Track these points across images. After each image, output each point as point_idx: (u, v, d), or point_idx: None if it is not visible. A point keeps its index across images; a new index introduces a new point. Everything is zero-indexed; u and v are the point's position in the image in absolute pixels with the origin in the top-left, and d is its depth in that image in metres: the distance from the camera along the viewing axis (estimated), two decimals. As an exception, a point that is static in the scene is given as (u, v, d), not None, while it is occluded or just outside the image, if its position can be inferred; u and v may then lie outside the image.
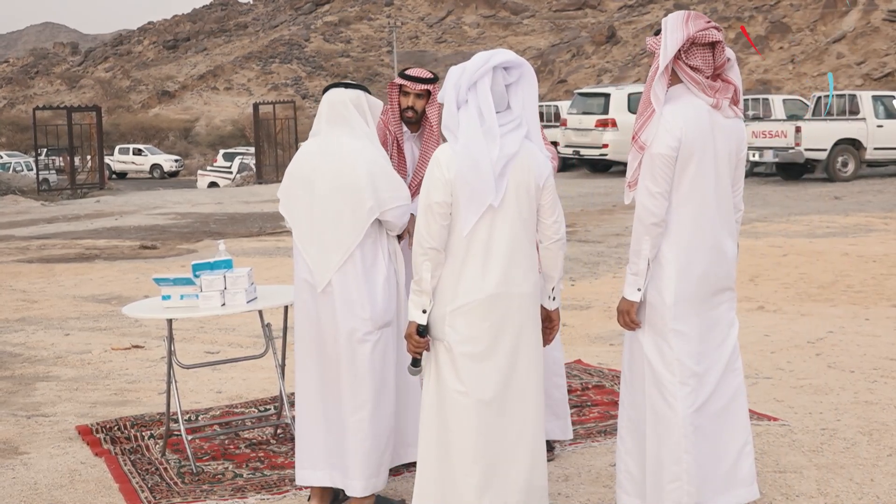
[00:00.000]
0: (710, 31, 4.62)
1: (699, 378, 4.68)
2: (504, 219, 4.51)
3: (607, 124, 29.77)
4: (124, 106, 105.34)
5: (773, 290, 11.64)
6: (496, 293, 4.51)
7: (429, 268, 4.51)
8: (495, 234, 4.51)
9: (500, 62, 4.53)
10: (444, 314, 4.54)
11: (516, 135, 4.55)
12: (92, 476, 5.99)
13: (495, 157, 4.46)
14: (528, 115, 4.61)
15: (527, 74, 4.61)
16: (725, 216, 4.76)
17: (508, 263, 4.52)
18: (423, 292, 4.54)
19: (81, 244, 18.74)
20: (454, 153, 4.49)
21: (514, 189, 4.52)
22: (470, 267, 4.51)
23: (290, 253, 16.26)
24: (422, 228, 4.52)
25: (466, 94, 4.52)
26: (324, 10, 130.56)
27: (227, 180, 44.46)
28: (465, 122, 4.50)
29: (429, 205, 4.50)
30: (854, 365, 7.91)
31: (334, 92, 5.29)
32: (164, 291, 6.07)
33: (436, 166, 4.52)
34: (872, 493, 5.25)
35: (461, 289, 4.51)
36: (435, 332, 4.58)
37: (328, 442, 5.23)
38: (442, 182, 4.48)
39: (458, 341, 4.53)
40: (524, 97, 4.60)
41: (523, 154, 4.54)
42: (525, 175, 4.53)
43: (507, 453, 4.58)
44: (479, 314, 4.51)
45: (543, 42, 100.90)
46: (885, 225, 17.39)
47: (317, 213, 5.17)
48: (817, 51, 66.58)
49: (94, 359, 9.10)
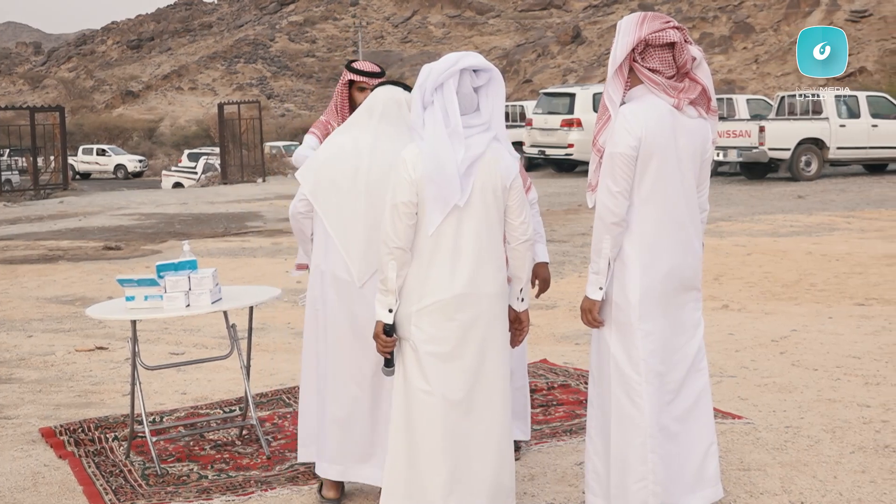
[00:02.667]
0: (667, 31, 4.61)
1: (664, 377, 4.69)
2: (470, 219, 4.54)
3: (573, 124, 29.86)
4: (88, 106, 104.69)
5: (738, 288, 11.70)
6: (463, 293, 4.53)
7: (394, 267, 4.53)
8: (462, 234, 4.54)
9: (467, 65, 4.55)
10: (409, 314, 4.56)
11: (484, 136, 4.57)
12: (55, 478, 5.94)
13: (461, 158, 4.48)
14: (496, 118, 4.63)
15: (496, 78, 4.63)
16: (691, 215, 4.77)
17: (475, 264, 4.54)
18: (389, 291, 4.55)
19: (45, 245, 18.62)
20: (419, 153, 4.51)
21: (481, 189, 4.55)
22: (436, 267, 4.53)
23: (255, 253, 16.27)
24: (388, 227, 4.53)
25: (432, 95, 4.54)
26: (289, 10, 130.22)
27: (191, 181, 44.25)
28: (430, 122, 4.52)
29: (395, 204, 4.52)
30: (817, 363, 7.95)
31: (391, 90, 5.25)
32: (127, 292, 6.03)
33: (402, 166, 4.54)
34: (836, 490, 5.28)
35: (427, 288, 4.53)
36: (401, 331, 4.59)
37: (362, 437, 5.20)
38: (408, 182, 4.50)
39: (423, 340, 4.54)
40: (493, 100, 4.63)
41: (490, 155, 4.58)
42: (492, 176, 4.57)
43: (474, 453, 4.59)
44: (446, 314, 4.53)
45: (509, 42, 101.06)
46: (848, 224, 17.52)
47: (362, 208, 5.13)
48: (781, 51, 66.97)
49: (58, 360, 9.04)
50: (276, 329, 10.17)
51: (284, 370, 8.35)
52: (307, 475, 5.73)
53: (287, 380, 7.98)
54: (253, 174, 40.67)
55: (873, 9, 67.13)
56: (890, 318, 9.62)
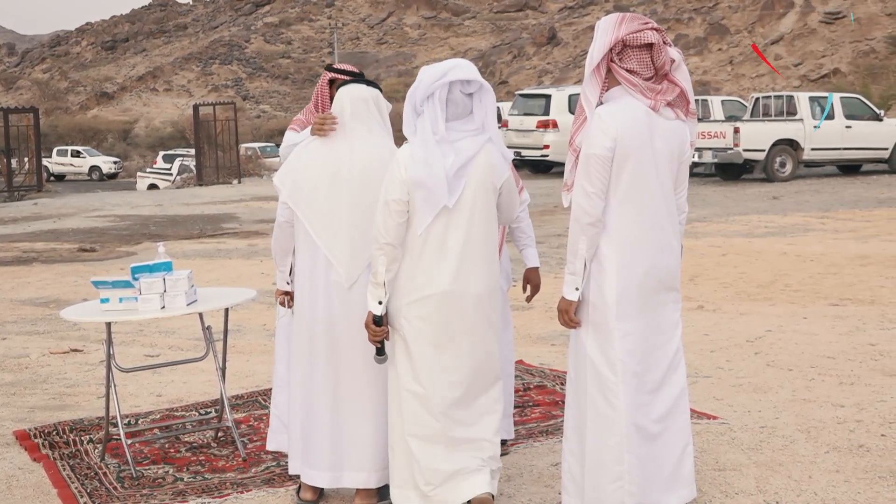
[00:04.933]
0: (645, 32, 4.62)
1: (641, 378, 4.69)
2: (460, 218, 4.78)
3: (548, 125, 29.90)
4: (62, 107, 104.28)
5: (713, 289, 11.74)
6: (450, 290, 4.77)
7: (384, 262, 4.77)
8: (451, 233, 4.77)
9: (456, 78, 4.75)
10: (400, 306, 4.81)
11: (477, 139, 4.81)
12: (30, 482, 5.92)
13: (450, 163, 4.71)
14: (489, 121, 4.85)
15: (485, 88, 4.85)
16: (669, 216, 4.78)
17: (463, 262, 4.79)
18: (378, 285, 4.80)
19: (19, 247, 18.52)
20: (411, 155, 4.73)
21: (473, 189, 4.79)
22: (425, 263, 4.77)
23: (230, 255, 16.24)
24: (379, 224, 4.76)
25: (423, 105, 4.77)
26: (264, 11, 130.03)
27: (167, 182, 44.10)
28: (420, 129, 4.76)
29: (387, 202, 4.74)
30: (792, 363, 7.99)
31: (356, 88, 5.28)
32: (102, 294, 6.01)
33: (395, 166, 4.77)
34: (810, 490, 5.30)
35: (416, 283, 4.78)
36: (393, 322, 4.86)
37: (341, 442, 5.22)
38: (399, 181, 4.73)
39: (411, 333, 4.79)
40: (486, 106, 4.85)
41: (483, 156, 4.81)
42: (484, 175, 4.81)
43: (459, 453, 4.84)
44: (432, 309, 4.77)
45: (484, 43, 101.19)
46: (822, 224, 17.61)
47: (344, 209, 5.16)
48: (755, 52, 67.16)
49: (32, 363, 9.00)
50: (251, 331, 10.15)
51: (260, 372, 8.34)
52: (283, 477, 5.73)
53: (263, 381, 7.97)
54: (228, 176, 40.57)
55: (847, 10, 67.47)
56: (864, 319, 9.67)
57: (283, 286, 5.64)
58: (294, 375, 5.41)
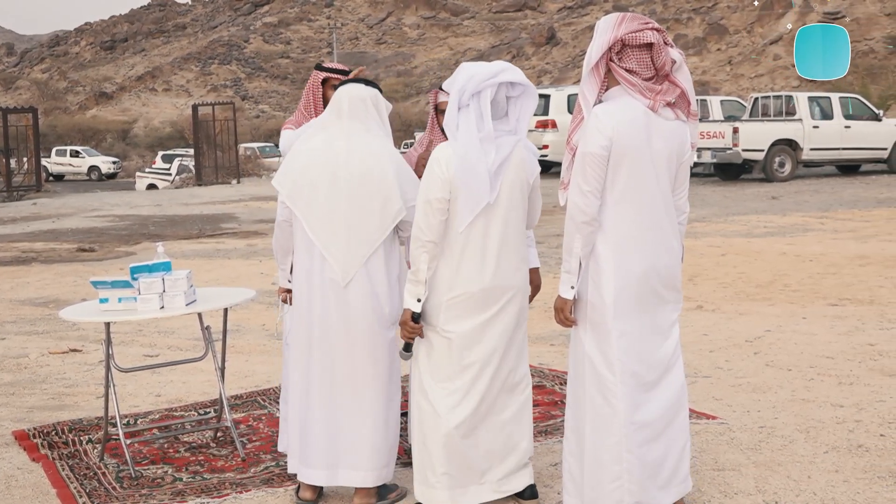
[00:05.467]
0: (645, 32, 4.61)
1: (640, 377, 4.69)
2: (498, 215, 4.89)
3: (547, 125, 29.91)
4: (61, 107, 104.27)
5: (712, 289, 11.74)
6: (490, 286, 4.91)
7: (425, 259, 4.86)
8: (490, 229, 4.90)
9: (507, 80, 4.90)
10: (440, 303, 4.90)
11: (511, 139, 4.93)
12: (29, 481, 5.91)
13: (491, 160, 4.82)
14: (522, 125, 5.00)
15: (529, 93, 4.99)
16: (668, 216, 4.76)
17: (501, 258, 4.93)
18: (419, 282, 4.89)
19: (18, 247, 18.53)
20: (453, 153, 4.82)
21: (509, 187, 4.91)
22: (467, 260, 4.88)
23: (229, 255, 16.24)
24: (420, 222, 4.86)
25: (469, 99, 4.86)
26: (263, 11, 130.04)
27: (166, 182, 44.08)
28: (463, 125, 4.85)
29: (428, 200, 4.83)
30: (791, 363, 7.99)
31: (354, 87, 5.29)
32: (101, 294, 6.00)
33: (436, 164, 4.85)
34: (809, 490, 5.30)
35: (458, 280, 4.88)
36: (429, 319, 4.94)
37: (338, 440, 5.23)
38: (441, 180, 4.82)
39: (451, 328, 4.90)
40: (521, 110, 4.99)
41: (517, 155, 4.94)
42: (519, 174, 4.95)
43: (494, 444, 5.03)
44: (473, 304, 4.89)
45: (483, 43, 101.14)
46: (821, 224, 17.61)
47: (342, 208, 5.17)
48: (754, 52, 67.30)
49: (31, 363, 9.00)
50: (250, 331, 10.15)
51: (259, 372, 8.34)
52: (282, 477, 5.73)
53: (262, 381, 7.97)
54: (227, 176, 40.59)
55: (846, 10, 67.53)
56: (863, 319, 9.67)
57: (284, 284, 5.66)
58: (291, 374, 5.42)
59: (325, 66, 6.02)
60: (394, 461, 5.37)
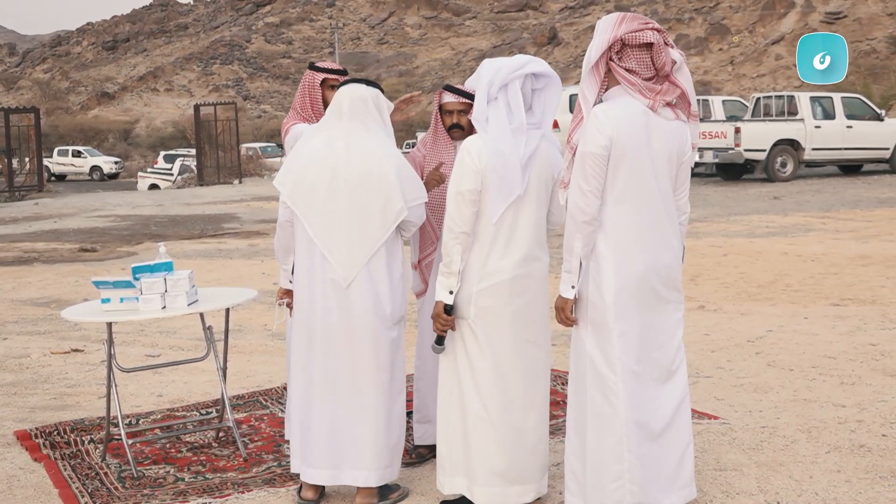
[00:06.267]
0: (645, 32, 4.61)
1: (641, 377, 4.69)
2: (527, 206, 4.97)
3: (548, 125, 29.86)
4: (63, 107, 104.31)
5: (714, 289, 11.73)
6: (517, 274, 4.98)
7: (459, 251, 4.92)
8: (519, 220, 4.97)
9: (533, 71, 4.98)
10: (470, 294, 4.96)
11: (537, 132, 5.01)
12: (31, 482, 5.92)
13: (522, 152, 4.88)
14: (546, 119, 5.07)
15: (553, 84, 5.08)
16: (669, 216, 4.77)
17: (529, 248, 5.00)
18: (452, 274, 4.95)
19: (20, 247, 18.54)
20: (484, 144, 4.88)
21: (536, 179, 4.99)
22: (496, 250, 4.95)
23: (231, 255, 16.24)
24: (453, 213, 4.92)
25: (497, 91, 4.92)
26: (265, 11, 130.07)
27: (167, 182, 44.11)
28: (493, 117, 4.93)
29: (460, 192, 4.89)
30: (793, 363, 7.98)
31: (354, 88, 5.29)
32: (103, 294, 6.01)
33: (466, 156, 4.91)
34: (811, 490, 5.30)
35: (487, 270, 4.95)
36: (461, 311, 4.98)
37: (340, 440, 5.24)
38: (473, 171, 4.87)
39: (481, 318, 4.95)
40: (546, 103, 5.07)
41: (543, 149, 5.02)
42: (545, 167, 5.03)
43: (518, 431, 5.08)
44: (503, 293, 4.96)
45: (485, 43, 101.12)
46: (823, 224, 17.60)
47: (343, 208, 5.17)
48: (756, 52, 67.31)
49: (33, 363, 9.00)
50: (252, 331, 10.15)
51: (261, 372, 8.34)
52: (284, 477, 5.73)
53: (264, 381, 7.97)
54: (229, 176, 40.61)
55: (848, 10, 67.50)
56: (865, 319, 9.67)
57: (285, 284, 5.66)
58: (293, 373, 5.42)
59: (320, 65, 6.01)
60: (397, 461, 5.37)
